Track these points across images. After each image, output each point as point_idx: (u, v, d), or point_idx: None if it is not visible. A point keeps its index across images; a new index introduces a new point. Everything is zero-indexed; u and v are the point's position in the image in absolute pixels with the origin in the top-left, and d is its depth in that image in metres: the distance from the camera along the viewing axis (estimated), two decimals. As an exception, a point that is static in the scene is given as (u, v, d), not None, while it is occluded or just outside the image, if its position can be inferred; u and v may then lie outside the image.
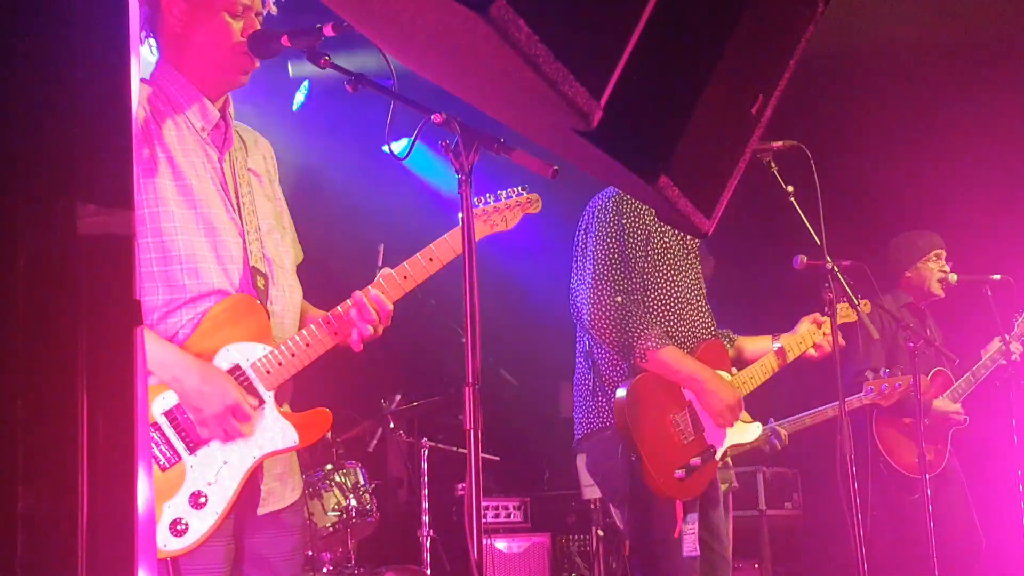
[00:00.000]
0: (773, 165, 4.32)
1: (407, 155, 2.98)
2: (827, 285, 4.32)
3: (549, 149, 1.79)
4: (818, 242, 4.30)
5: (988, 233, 6.80)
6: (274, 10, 3.03)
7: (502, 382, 6.89)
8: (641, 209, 4.11)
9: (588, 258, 4.12)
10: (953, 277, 6.03)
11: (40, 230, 1.36)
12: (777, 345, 4.51)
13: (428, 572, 5.83)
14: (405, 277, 3.06)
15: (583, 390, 4.26)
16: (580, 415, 4.28)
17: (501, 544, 6.56)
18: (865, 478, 5.51)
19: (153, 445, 2.54)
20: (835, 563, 5.90)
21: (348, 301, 2.98)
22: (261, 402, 2.76)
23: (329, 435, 5.96)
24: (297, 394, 2.99)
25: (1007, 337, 5.92)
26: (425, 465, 6.02)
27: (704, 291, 4.37)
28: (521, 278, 7.71)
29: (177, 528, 2.50)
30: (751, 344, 4.64)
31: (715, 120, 1.63)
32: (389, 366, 6.41)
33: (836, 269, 4.35)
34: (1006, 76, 6.82)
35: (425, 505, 6.08)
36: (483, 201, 3.35)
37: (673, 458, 3.98)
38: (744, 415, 4.27)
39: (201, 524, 2.56)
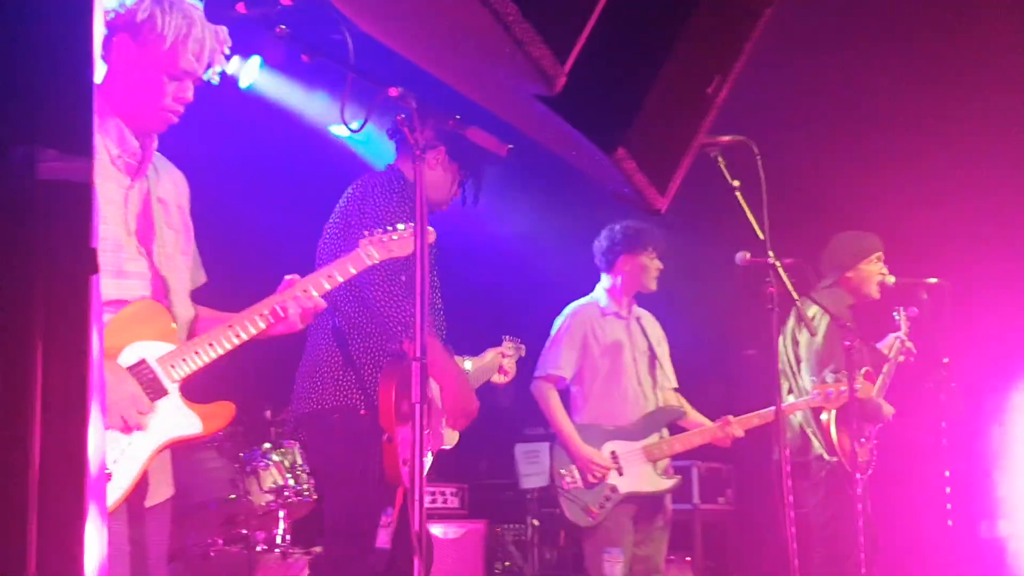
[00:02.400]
0: (720, 159, 4.37)
1: (360, 129, 3.00)
2: (768, 280, 4.38)
3: (507, 120, 1.81)
4: (761, 237, 4.36)
5: (929, 234, 6.93)
6: (216, 80, 3.19)
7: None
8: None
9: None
10: (891, 279, 6.13)
11: (-1, 172, 1.36)
12: (468, 366, 4.65)
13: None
14: (305, 290, 3.28)
15: (328, 366, 4.12)
16: (311, 391, 4.15)
17: (437, 530, 6.57)
18: (803, 476, 5.68)
19: None
20: (766, 560, 5.99)
21: (270, 300, 3.17)
22: (165, 393, 2.96)
23: (268, 414, 5.94)
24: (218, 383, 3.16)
25: (901, 337, 6.06)
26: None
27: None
28: (464, 267, 7.74)
29: None
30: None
31: (673, 97, 1.66)
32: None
33: (778, 264, 4.41)
34: (955, 73, 6.93)
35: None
36: (381, 231, 3.58)
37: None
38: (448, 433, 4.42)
39: (107, 498, 2.72)
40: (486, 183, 4.41)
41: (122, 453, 2.83)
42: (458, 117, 2.76)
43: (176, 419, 2.98)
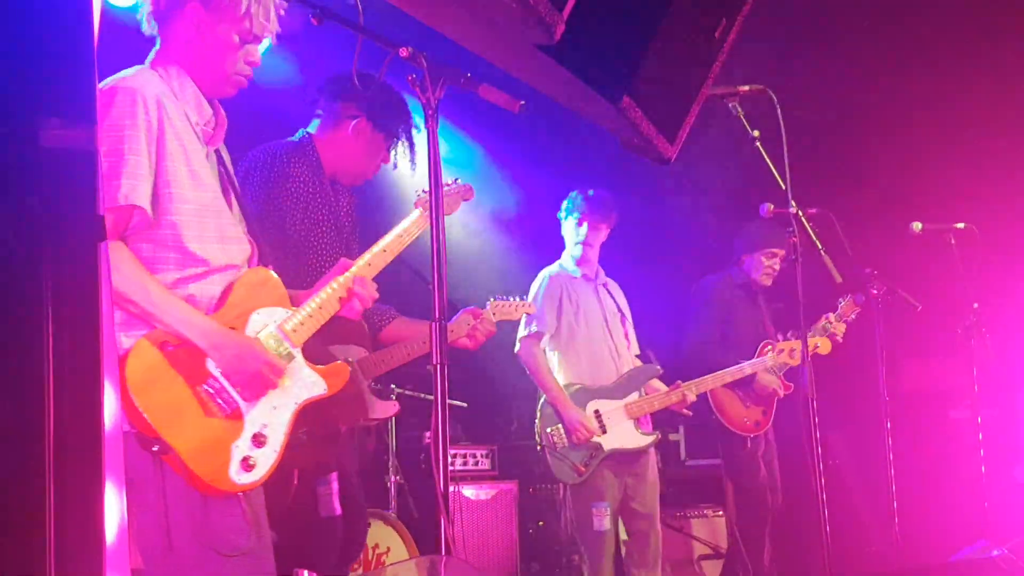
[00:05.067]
0: (739, 110, 4.33)
1: (371, 89, 2.98)
2: (791, 230, 4.36)
3: (513, 73, 1.79)
4: (783, 186, 4.33)
5: (955, 181, 6.85)
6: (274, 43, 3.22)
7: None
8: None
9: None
10: (917, 226, 6.07)
11: (1, 141, 1.36)
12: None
13: (394, 515, 5.87)
14: (384, 250, 3.34)
15: None
16: None
17: (468, 492, 6.60)
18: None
19: (216, 394, 2.84)
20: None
21: (343, 278, 3.21)
22: (292, 357, 3.03)
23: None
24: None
25: (831, 317, 6.22)
26: (393, 412, 6.02)
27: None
28: (492, 224, 7.74)
29: (248, 464, 2.84)
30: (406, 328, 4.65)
31: (678, 42, 1.64)
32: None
33: (800, 213, 4.38)
34: (984, 21, 6.83)
35: (393, 451, 6.11)
36: (425, 192, 3.51)
37: None
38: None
39: (266, 460, 2.89)
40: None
41: (269, 416, 2.93)
42: (469, 75, 2.74)
43: (306, 381, 3.06)
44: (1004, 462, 6.70)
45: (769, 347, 6.24)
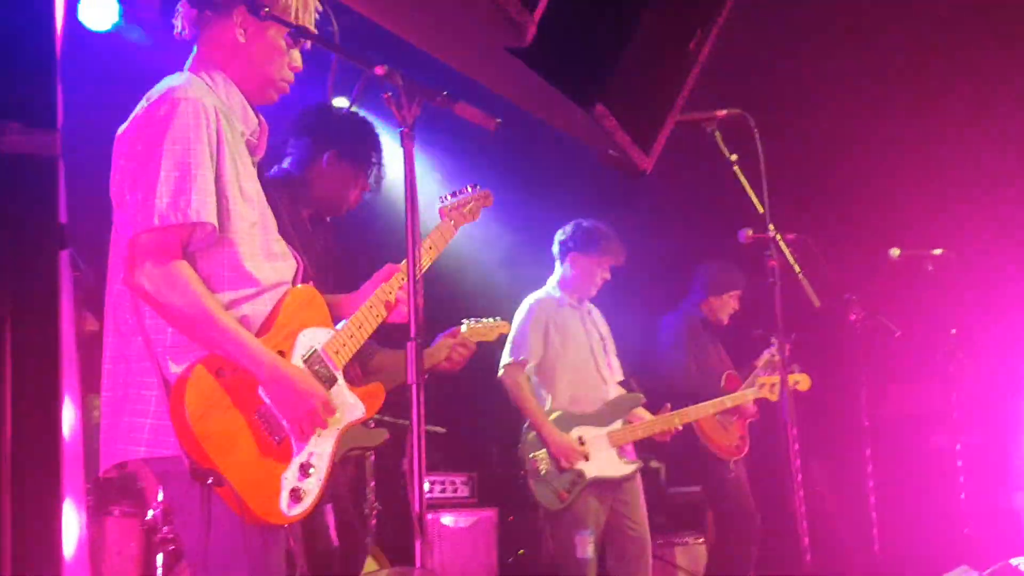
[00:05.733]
0: (717, 134, 4.33)
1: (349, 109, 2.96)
2: (769, 253, 4.35)
3: (486, 83, 1.77)
4: (761, 210, 4.32)
5: (933, 207, 6.88)
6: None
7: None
8: None
9: None
10: (895, 251, 6.09)
11: (-41, 145, 1.33)
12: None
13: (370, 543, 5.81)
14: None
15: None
16: None
17: (447, 519, 6.54)
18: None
19: (266, 423, 2.78)
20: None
21: (389, 286, 3.21)
22: (336, 380, 3.00)
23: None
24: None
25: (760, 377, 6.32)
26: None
27: None
28: (470, 250, 7.72)
29: (298, 496, 2.79)
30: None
31: (652, 51, 1.63)
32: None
33: (779, 237, 4.38)
34: (961, 49, 6.88)
35: (370, 479, 6.05)
36: (447, 199, 3.61)
37: None
38: None
39: (313, 489, 2.84)
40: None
41: (315, 446, 2.88)
42: (445, 93, 2.72)
43: (347, 404, 3.02)
44: (984, 487, 6.68)
45: (733, 376, 6.45)
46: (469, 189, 3.74)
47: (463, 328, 4.68)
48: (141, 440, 2.67)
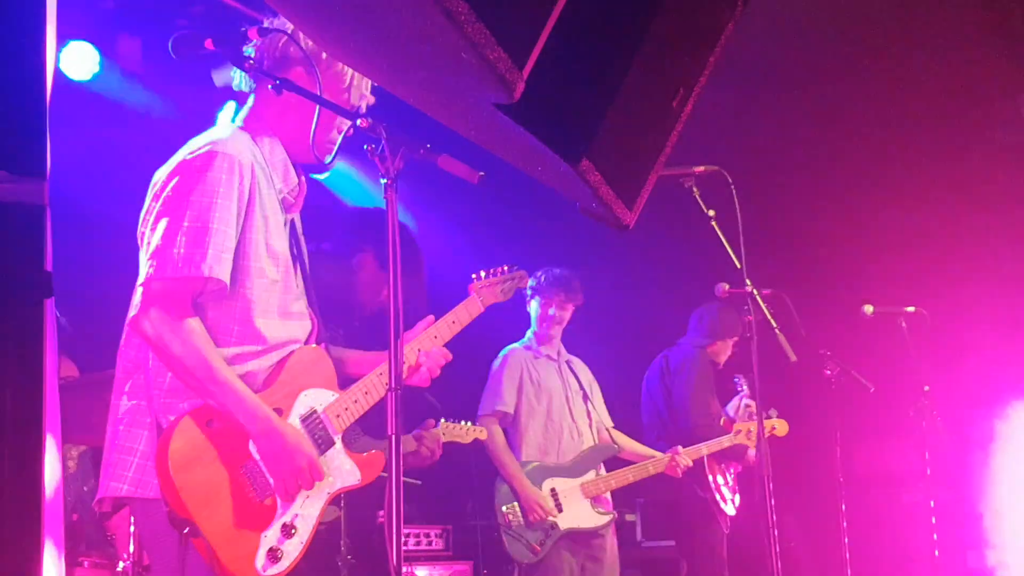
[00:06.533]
0: (695, 190, 4.38)
1: (331, 163, 2.99)
2: (747, 308, 4.38)
3: (470, 138, 1.79)
4: (738, 266, 4.36)
5: (906, 266, 6.95)
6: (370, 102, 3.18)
7: (428, 406, 6.84)
8: None
9: None
10: (869, 308, 6.14)
11: (-53, 192, 1.33)
12: None
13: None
14: (435, 336, 3.33)
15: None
16: None
17: (422, 572, 6.48)
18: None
19: (252, 478, 2.77)
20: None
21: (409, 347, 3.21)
22: (333, 444, 2.99)
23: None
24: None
25: (746, 400, 6.38)
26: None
27: None
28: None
29: (276, 556, 2.77)
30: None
31: (637, 108, 1.65)
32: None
33: (756, 292, 4.41)
34: (937, 111, 6.98)
35: (343, 529, 5.99)
36: (480, 276, 3.67)
37: None
38: None
39: (293, 551, 2.83)
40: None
41: (301, 507, 2.87)
42: (428, 146, 2.74)
43: (342, 469, 3.01)
44: (958, 545, 6.70)
45: (728, 421, 6.37)
46: (506, 269, 3.75)
47: (439, 426, 4.70)
48: (126, 477, 2.65)
